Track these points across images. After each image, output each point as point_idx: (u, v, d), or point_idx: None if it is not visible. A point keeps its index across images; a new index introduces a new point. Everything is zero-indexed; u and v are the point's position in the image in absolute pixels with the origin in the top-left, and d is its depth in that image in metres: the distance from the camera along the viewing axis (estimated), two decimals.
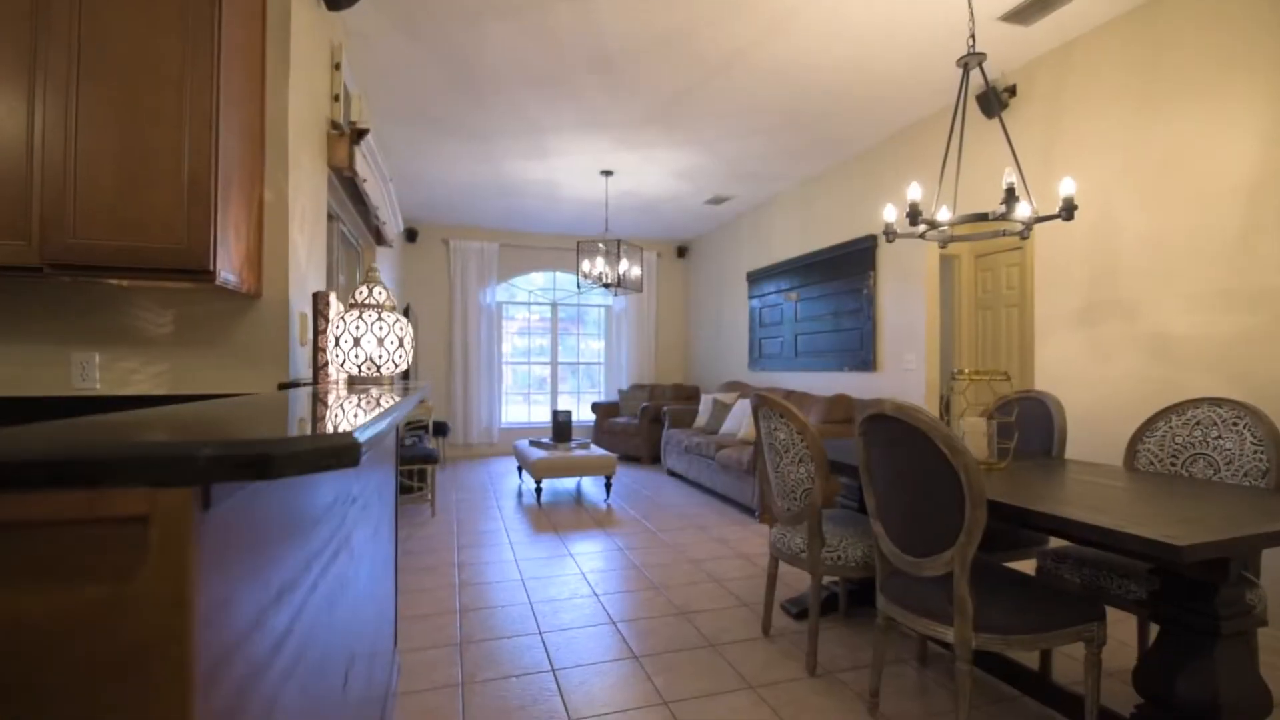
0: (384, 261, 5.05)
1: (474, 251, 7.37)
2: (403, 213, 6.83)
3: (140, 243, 1.63)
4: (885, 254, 4.50)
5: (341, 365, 1.80)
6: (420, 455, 4.46)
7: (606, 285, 5.21)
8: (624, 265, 5.19)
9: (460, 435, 7.33)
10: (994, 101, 3.48)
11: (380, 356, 1.78)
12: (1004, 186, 2.28)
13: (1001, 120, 2.68)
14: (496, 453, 7.58)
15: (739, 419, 5.42)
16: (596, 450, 5.10)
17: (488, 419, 7.47)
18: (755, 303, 6.34)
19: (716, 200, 6.16)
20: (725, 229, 7.11)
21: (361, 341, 1.77)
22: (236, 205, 1.84)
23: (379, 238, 4.40)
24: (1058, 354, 3.27)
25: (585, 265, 5.26)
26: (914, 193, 2.56)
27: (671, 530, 4.12)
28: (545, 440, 5.38)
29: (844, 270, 4.93)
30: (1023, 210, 2.28)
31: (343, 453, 0.55)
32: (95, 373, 1.95)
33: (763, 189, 5.82)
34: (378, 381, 1.84)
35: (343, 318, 1.80)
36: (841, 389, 4.97)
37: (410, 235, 7.14)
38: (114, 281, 1.82)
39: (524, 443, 5.54)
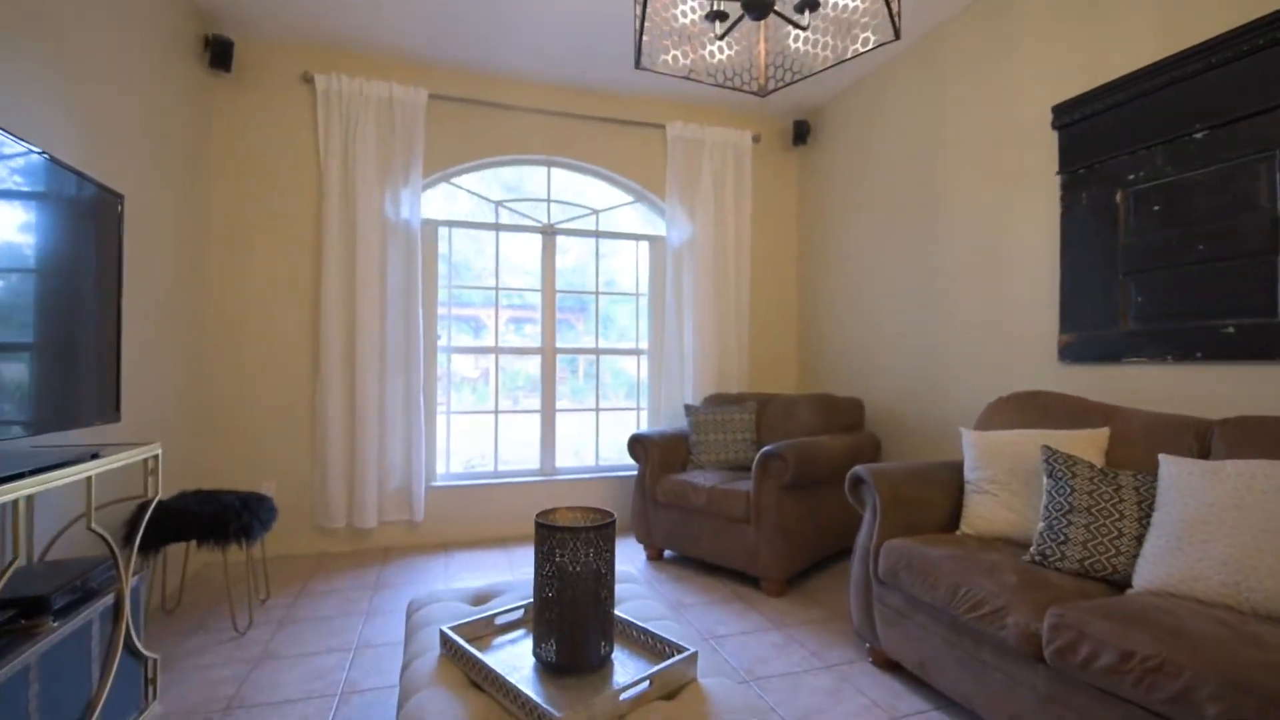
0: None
1: (373, 104, 3.34)
2: None
3: None
4: None
5: None
6: None
7: (721, 19, 1.19)
8: None
9: (341, 512, 3.28)
10: None
11: None
12: None
13: None
14: (424, 545, 3.54)
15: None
16: None
17: (402, 471, 3.43)
18: (1090, 192, 2.31)
19: None
20: (959, 24, 3.07)
21: None
22: None
23: None
24: None
25: None
26: None
27: None
28: (503, 613, 1.38)
29: None
30: None
31: None
32: None
33: None
34: None
35: None
36: None
37: (219, 54, 3.08)
38: None
39: (433, 624, 1.51)
